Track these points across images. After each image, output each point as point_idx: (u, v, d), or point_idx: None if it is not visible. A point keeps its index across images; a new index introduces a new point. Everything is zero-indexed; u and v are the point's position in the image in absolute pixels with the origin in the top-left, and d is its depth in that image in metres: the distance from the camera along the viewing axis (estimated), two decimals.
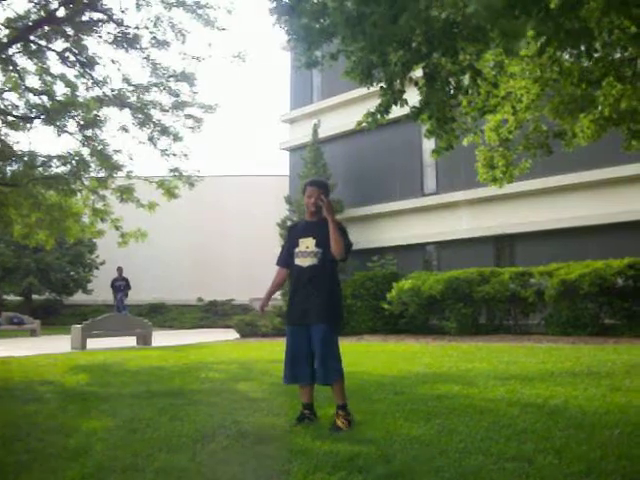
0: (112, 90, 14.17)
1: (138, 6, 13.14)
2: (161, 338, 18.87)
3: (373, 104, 6.79)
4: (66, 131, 14.23)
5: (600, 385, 6.78)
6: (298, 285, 5.21)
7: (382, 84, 6.40)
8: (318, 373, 5.02)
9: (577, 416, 5.11)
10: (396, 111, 6.66)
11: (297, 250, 5.26)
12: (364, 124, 6.85)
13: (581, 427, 4.67)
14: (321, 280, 5.13)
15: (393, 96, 6.42)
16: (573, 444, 4.14)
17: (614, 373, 7.79)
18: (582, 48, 7.01)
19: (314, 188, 5.37)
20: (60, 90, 14.38)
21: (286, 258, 5.40)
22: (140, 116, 14.31)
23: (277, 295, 22.17)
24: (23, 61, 13.79)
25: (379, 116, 6.65)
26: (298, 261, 5.23)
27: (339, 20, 5.52)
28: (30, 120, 14.30)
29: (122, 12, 13.48)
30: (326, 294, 5.11)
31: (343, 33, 5.69)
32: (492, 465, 3.70)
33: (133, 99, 14.34)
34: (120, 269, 22.09)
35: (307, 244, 5.21)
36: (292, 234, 5.46)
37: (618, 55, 8.10)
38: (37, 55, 13.53)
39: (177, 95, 14.40)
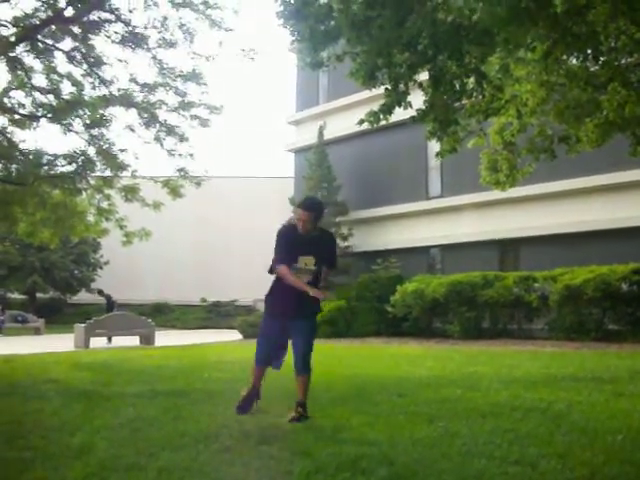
0: (119, 90, 14.19)
1: (146, 6, 13.17)
2: (164, 338, 18.90)
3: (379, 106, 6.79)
4: (72, 130, 14.24)
5: (604, 390, 6.75)
6: (287, 291, 5.36)
7: (386, 86, 6.40)
8: (299, 363, 5.41)
9: (580, 421, 5.09)
10: (402, 114, 6.66)
11: (296, 265, 5.36)
12: (365, 123, 6.85)
13: (584, 432, 4.66)
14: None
15: (397, 97, 6.42)
16: (576, 449, 4.13)
17: (618, 378, 7.76)
18: (589, 52, 7.02)
19: (302, 211, 5.32)
20: (67, 89, 14.40)
21: (288, 259, 5.40)
22: (146, 116, 14.32)
23: None
24: (30, 60, 13.74)
25: (381, 116, 6.65)
26: (296, 274, 5.36)
27: (344, 23, 5.53)
28: (36, 119, 14.32)
29: (130, 12, 13.44)
30: (312, 299, 5.36)
31: (348, 35, 5.71)
32: (495, 469, 3.69)
33: (139, 99, 14.35)
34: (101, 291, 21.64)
35: (306, 262, 5.37)
36: (291, 243, 5.40)
37: (624, 61, 8.08)
38: (44, 54, 13.54)
39: (184, 95, 14.41)
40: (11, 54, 13.13)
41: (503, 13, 4.60)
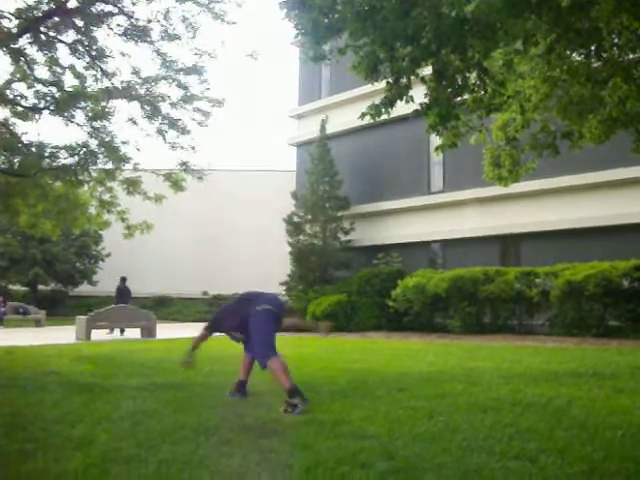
0: (121, 82, 14.15)
1: None
2: (165, 331, 18.91)
3: None
4: (74, 122, 14.22)
5: (604, 386, 6.76)
6: None
7: (388, 79, 6.38)
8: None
9: (581, 416, 5.10)
10: (404, 108, 6.64)
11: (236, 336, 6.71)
12: (367, 117, 6.81)
13: (584, 427, 4.67)
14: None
15: (399, 91, 6.39)
16: (576, 444, 4.14)
17: (618, 374, 7.77)
18: (591, 48, 6.99)
19: None
20: (69, 81, 14.38)
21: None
22: (148, 109, 14.30)
23: (282, 290, 22.38)
24: (33, 52, 13.71)
25: (383, 109, 6.62)
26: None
27: (349, 14, 5.50)
28: (39, 111, 14.29)
29: (133, 4, 13.39)
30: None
31: (352, 27, 5.67)
32: (495, 463, 3.71)
33: (142, 92, 14.32)
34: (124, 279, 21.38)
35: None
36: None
37: (626, 57, 8.05)
38: (47, 46, 13.51)
39: (186, 88, 14.38)
40: (14, 46, 13.10)
41: (498, 4, 4.57)
